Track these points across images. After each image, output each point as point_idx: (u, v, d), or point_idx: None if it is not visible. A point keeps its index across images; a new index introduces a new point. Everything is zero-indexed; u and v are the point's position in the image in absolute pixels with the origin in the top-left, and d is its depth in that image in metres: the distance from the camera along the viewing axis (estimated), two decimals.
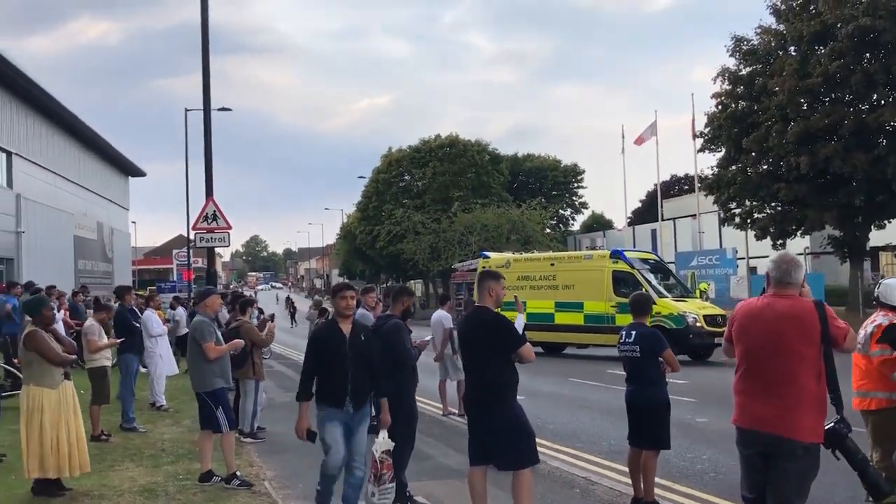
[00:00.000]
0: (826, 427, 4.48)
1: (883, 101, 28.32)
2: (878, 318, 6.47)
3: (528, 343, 5.87)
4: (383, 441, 6.16)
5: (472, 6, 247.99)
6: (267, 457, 9.26)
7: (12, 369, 11.99)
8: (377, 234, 58.48)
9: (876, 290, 6.71)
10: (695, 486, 7.66)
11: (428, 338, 7.88)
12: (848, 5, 28.28)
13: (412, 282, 64.84)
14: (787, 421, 4.27)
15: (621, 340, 6.96)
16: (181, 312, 17.55)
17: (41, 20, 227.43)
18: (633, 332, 6.86)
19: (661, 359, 6.77)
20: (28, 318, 7.63)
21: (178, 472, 8.28)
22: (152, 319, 12.66)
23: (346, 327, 6.23)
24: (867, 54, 28.34)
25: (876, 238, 33.41)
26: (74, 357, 7.58)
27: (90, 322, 10.38)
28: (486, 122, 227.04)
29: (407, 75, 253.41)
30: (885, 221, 31.15)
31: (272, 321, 11.54)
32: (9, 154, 30.23)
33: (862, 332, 6.49)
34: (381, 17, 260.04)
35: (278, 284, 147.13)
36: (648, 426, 6.75)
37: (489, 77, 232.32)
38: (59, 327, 9.95)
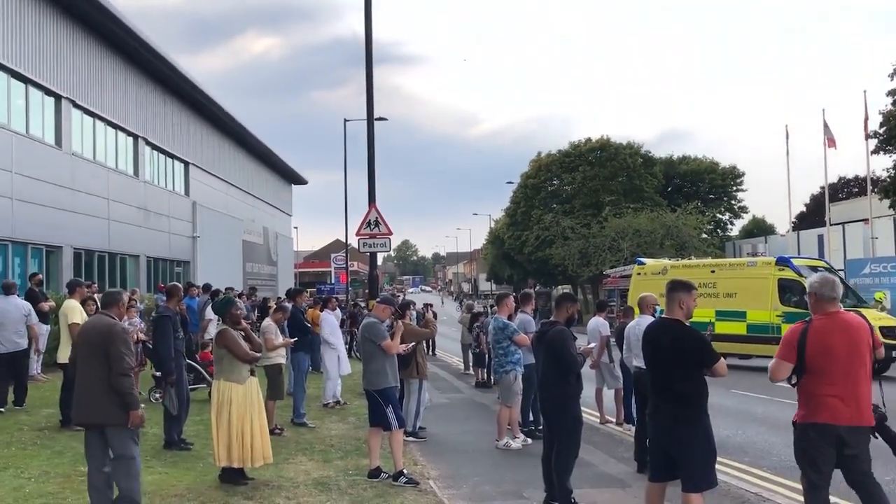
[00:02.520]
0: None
1: None
2: None
3: (722, 358, 5.72)
4: None
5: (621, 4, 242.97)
6: (430, 456, 9.51)
7: (194, 364, 12.92)
8: (525, 239, 58.43)
9: None
10: None
11: (593, 345, 7.81)
12: None
13: (561, 287, 64.31)
14: (862, 412, 5.22)
15: None
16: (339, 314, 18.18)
17: (210, 37, 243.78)
18: None
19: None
20: (212, 317, 8.24)
21: (347, 467, 8.65)
22: (328, 321, 13.21)
23: None
24: None
25: None
26: (259, 355, 8.11)
27: (267, 322, 11.04)
28: (639, 124, 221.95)
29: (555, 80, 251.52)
30: None
31: (433, 315, 11.82)
32: (186, 164, 32.65)
33: None
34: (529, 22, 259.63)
35: (427, 288, 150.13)
36: None
37: (643, 77, 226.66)
38: None
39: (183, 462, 8.78)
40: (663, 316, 5.89)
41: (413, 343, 9.50)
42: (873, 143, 33.15)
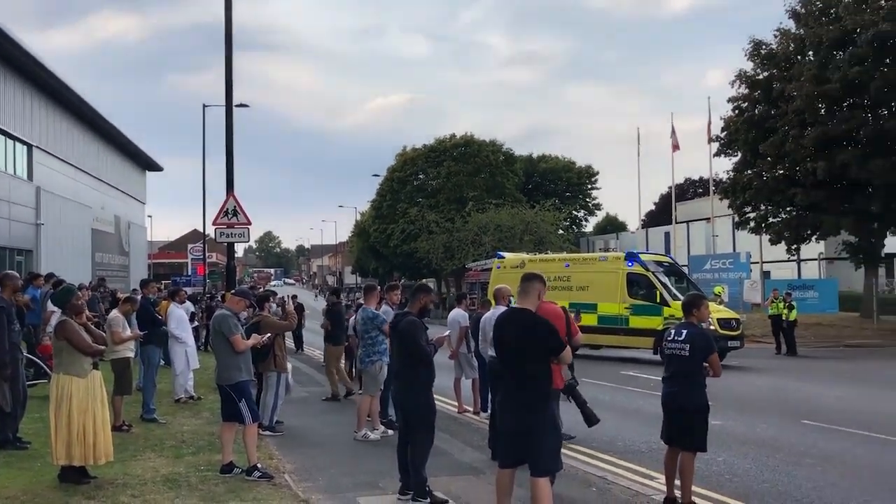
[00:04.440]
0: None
1: None
2: None
3: (568, 347, 5.93)
4: None
5: (489, 6, 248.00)
6: (287, 450, 9.38)
7: (35, 359, 12.17)
8: (391, 233, 58.65)
9: None
10: (710, 488, 7.71)
11: (446, 333, 7.90)
12: (868, 11, 28.17)
13: (425, 280, 64.87)
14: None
15: (669, 338, 6.89)
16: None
17: (61, 14, 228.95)
18: (684, 331, 6.81)
19: (705, 362, 6.78)
20: (55, 309, 7.78)
21: (199, 462, 8.40)
22: (176, 314, 12.74)
23: None
24: (887, 60, 28.17)
25: (891, 244, 33.27)
26: (104, 348, 7.72)
27: (114, 314, 10.54)
28: (501, 122, 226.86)
29: (423, 75, 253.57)
30: None
31: (293, 304, 11.67)
32: (29, 147, 30.58)
33: None
34: (398, 16, 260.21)
35: (291, 280, 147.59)
36: (690, 428, 6.72)
37: (504, 77, 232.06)
38: None
39: (18, 462, 8.24)
40: (514, 305, 6.05)
41: (269, 335, 9.31)
42: (715, 146, 35.38)
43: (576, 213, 66.84)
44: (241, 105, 32.23)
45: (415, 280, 64.89)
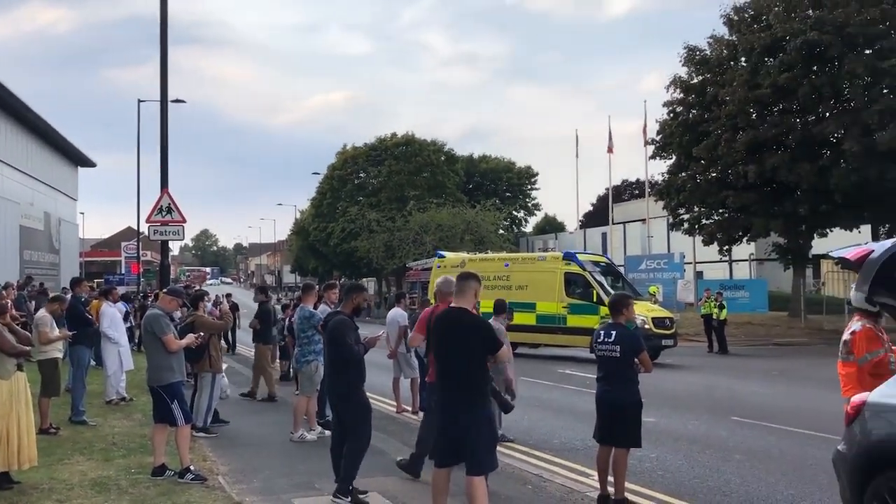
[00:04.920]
0: None
1: (828, 114, 29.16)
2: (854, 325, 6.74)
3: (504, 346, 5.97)
4: None
5: (430, 7, 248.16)
6: (221, 451, 9.23)
7: None
8: (331, 231, 58.26)
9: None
10: (643, 484, 7.87)
11: (380, 333, 7.80)
12: (797, 19, 29.11)
13: (366, 279, 64.63)
14: None
15: (599, 340, 6.97)
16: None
17: None
18: (614, 332, 6.90)
19: (636, 359, 6.91)
20: None
21: (130, 465, 8.21)
22: (108, 313, 12.42)
23: None
24: (814, 67, 29.16)
25: (818, 246, 34.45)
26: (29, 348, 7.48)
27: (42, 313, 10.22)
28: (443, 122, 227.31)
29: (364, 73, 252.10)
30: (828, 230, 32.12)
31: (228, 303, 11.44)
32: None
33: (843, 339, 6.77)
34: (339, 13, 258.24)
35: (228, 280, 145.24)
36: (623, 425, 6.83)
37: (446, 77, 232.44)
38: None
39: None
40: (451, 305, 6.06)
41: (202, 334, 9.13)
42: (651, 149, 36.08)
43: (516, 213, 67.52)
44: (178, 101, 31.67)
45: (356, 279, 64.64)
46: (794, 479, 8.22)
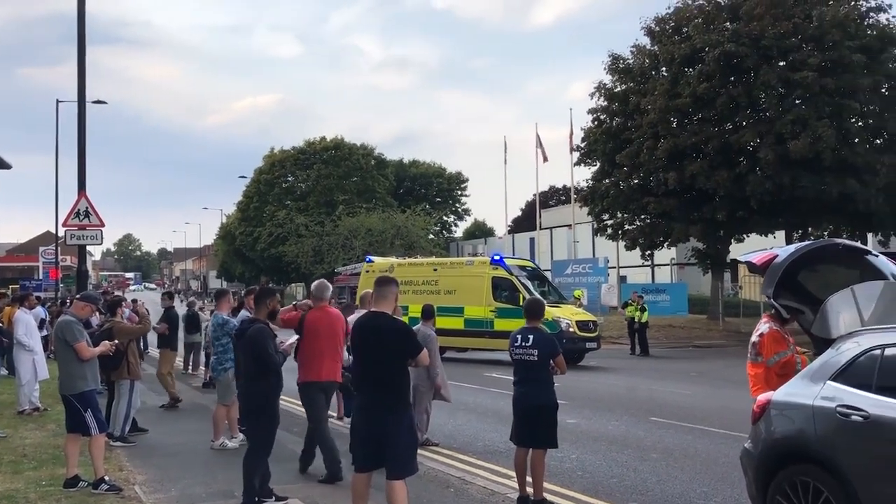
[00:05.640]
0: None
1: (745, 123, 30.22)
2: (761, 327, 6.98)
3: (425, 349, 6.01)
4: None
5: (360, 11, 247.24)
6: (138, 460, 9.01)
7: None
8: (258, 236, 57.45)
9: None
10: (562, 485, 8.02)
11: (294, 338, 7.65)
12: (715, 31, 30.08)
13: (294, 285, 63.91)
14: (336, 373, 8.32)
15: (516, 343, 7.06)
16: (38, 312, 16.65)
17: None
18: (531, 336, 7.00)
19: (552, 362, 7.04)
20: None
21: (41, 478, 7.95)
22: (23, 320, 11.99)
23: None
24: (732, 78, 30.18)
25: (736, 251, 35.63)
26: None
27: None
28: (374, 126, 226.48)
29: (294, 76, 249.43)
30: (744, 235, 33.31)
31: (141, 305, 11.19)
32: None
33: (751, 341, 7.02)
34: (267, 16, 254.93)
35: (152, 285, 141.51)
36: (540, 426, 6.96)
37: (376, 82, 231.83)
38: None
39: None
40: (372, 309, 6.08)
41: (116, 342, 8.90)
42: (577, 156, 36.74)
43: (446, 218, 67.84)
44: (98, 101, 30.79)
45: (283, 284, 63.83)
46: (707, 476, 8.50)
